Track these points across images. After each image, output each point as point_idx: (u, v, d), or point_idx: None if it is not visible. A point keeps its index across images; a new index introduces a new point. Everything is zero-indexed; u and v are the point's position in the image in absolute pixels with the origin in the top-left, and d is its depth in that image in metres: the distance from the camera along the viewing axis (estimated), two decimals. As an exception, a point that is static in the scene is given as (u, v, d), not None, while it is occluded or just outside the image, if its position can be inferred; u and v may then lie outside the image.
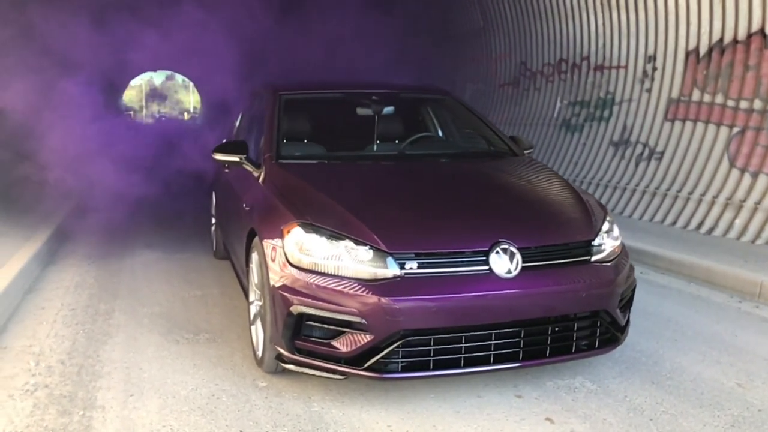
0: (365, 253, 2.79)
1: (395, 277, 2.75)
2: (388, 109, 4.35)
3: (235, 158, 3.83)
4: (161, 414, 2.87)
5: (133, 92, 73.80)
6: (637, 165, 7.67)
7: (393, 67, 13.81)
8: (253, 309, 3.44)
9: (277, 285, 2.91)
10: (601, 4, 8.39)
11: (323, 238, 2.86)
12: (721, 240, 6.06)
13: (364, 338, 2.72)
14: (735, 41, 6.60)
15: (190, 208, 7.40)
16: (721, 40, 6.75)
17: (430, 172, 3.70)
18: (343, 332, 2.77)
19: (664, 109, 7.47)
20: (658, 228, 6.71)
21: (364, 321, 2.71)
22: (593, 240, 3.09)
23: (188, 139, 9.71)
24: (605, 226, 3.25)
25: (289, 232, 2.94)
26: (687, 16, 7.14)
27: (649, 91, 7.72)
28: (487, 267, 2.81)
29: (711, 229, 6.33)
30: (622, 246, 3.35)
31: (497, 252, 2.83)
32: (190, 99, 77.84)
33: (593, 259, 3.06)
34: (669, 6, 7.35)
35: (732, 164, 6.47)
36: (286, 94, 4.30)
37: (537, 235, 3.00)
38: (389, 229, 2.87)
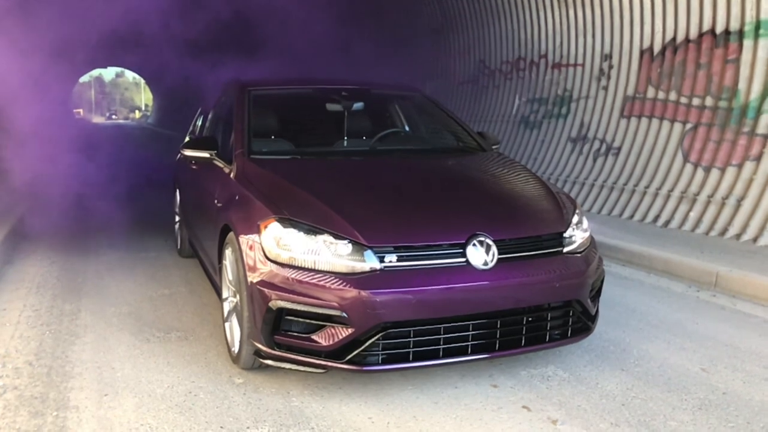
0: (344, 247, 2.81)
1: (375, 270, 2.78)
2: (358, 105, 4.36)
3: (205, 154, 3.79)
4: (138, 412, 2.83)
5: (82, 89, 71.94)
6: (594, 160, 7.88)
7: (351, 65, 13.84)
8: (227, 306, 3.41)
9: (255, 281, 2.90)
10: (558, 1, 8.57)
11: (301, 233, 2.87)
12: (677, 232, 6.27)
13: (345, 331, 2.74)
14: (687, 40, 6.84)
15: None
16: (674, 39, 6.98)
17: (402, 167, 3.74)
18: (324, 326, 2.78)
19: (621, 106, 7.68)
20: (617, 221, 6.91)
21: (344, 314, 2.73)
22: (565, 232, 3.17)
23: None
24: (575, 218, 3.34)
25: (266, 227, 2.94)
26: (641, 15, 7.36)
27: (606, 88, 7.93)
28: (464, 259, 2.86)
29: (667, 222, 6.55)
30: (591, 238, 3.45)
31: (474, 244, 2.88)
32: (141, 97, 76.25)
33: (565, 250, 3.14)
34: (624, 4, 7.56)
35: (686, 159, 6.70)
36: (254, 90, 4.28)
37: (511, 227, 3.06)
38: (368, 223, 2.89)
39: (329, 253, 2.81)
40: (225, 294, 3.46)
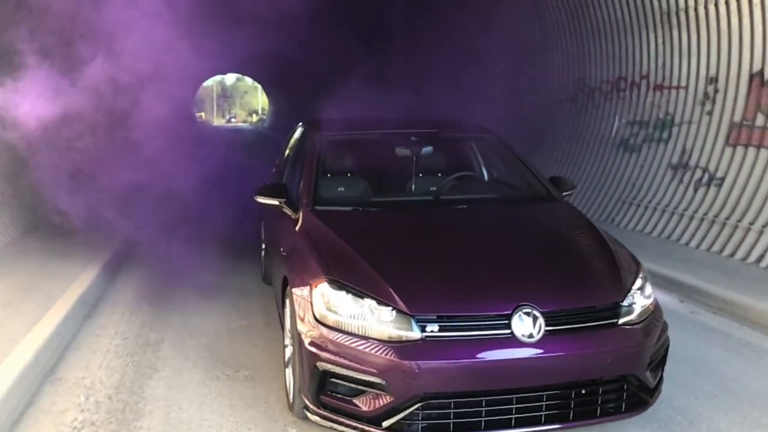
0: (388, 313, 2.85)
1: (416, 339, 2.80)
2: (427, 150, 4.39)
3: (275, 202, 3.95)
4: (194, 460, 3.02)
5: (205, 92, 76.15)
6: (696, 190, 7.43)
7: (454, 79, 13.86)
8: (287, 352, 3.55)
9: (305, 339, 3.01)
10: (661, 21, 8.15)
11: (349, 296, 2.94)
12: (782, 276, 5.81)
13: (385, 399, 2.78)
14: (802, 65, 6.31)
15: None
16: (788, 63, 6.46)
17: (462, 221, 3.73)
18: (364, 391, 2.84)
19: (726, 133, 7.19)
20: (716, 259, 6.48)
21: (383, 382, 2.77)
22: (621, 301, 3.04)
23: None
24: (637, 283, 3.19)
25: (316, 287, 3.04)
26: (751, 37, 6.85)
27: (710, 113, 7.45)
28: (509, 331, 2.82)
29: (771, 264, 6.08)
30: (656, 303, 3.28)
31: (519, 316, 2.84)
32: (258, 100, 79.58)
33: (621, 321, 3.01)
34: (732, 26, 7.07)
35: (796, 195, 6.19)
36: (328, 135, 4.42)
37: (562, 298, 2.98)
38: (412, 290, 2.92)
39: (373, 319, 2.86)
40: (286, 341, 3.60)
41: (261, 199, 4.01)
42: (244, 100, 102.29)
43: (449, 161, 4.59)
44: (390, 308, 2.85)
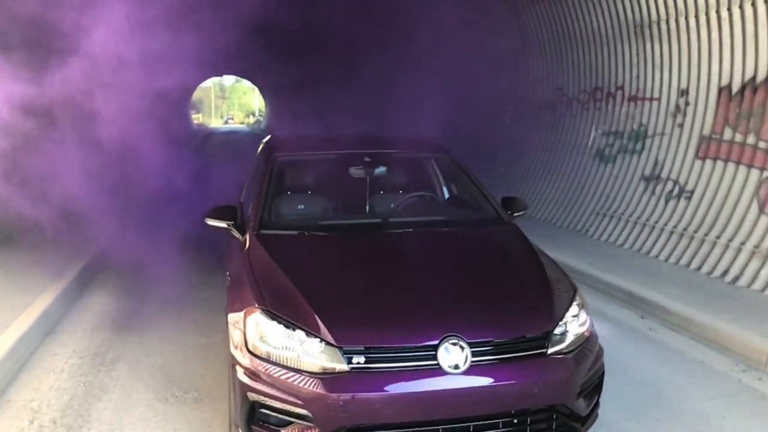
0: (316, 345, 2.87)
1: (343, 371, 2.82)
2: (380, 171, 4.40)
3: (223, 224, 3.95)
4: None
5: (202, 93, 76.12)
6: (666, 202, 7.46)
7: (437, 89, 13.88)
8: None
9: (237, 369, 3.03)
10: (635, 33, 8.18)
11: (281, 327, 2.96)
12: (744, 292, 5.83)
13: (311, 431, 2.80)
14: (768, 80, 6.33)
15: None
16: (754, 77, 6.48)
17: (405, 246, 3.74)
18: (292, 422, 2.86)
19: (696, 146, 7.22)
20: (682, 273, 6.51)
21: (310, 414, 2.79)
22: (552, 330, 3.06)
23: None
24: (572, 311, 3.21)
25: (249, 316, 3.06)
26: (720, 51, 6.88)
27: (681, 126, 7.48)
28: (435, 362, 2.84)
29: (736, 278, 6.10)
30: (591, 329, 3.29)
31: (446, 347, 2.86)
32: (255, 102, 79.47)
33: (551, 350, 3.02)
34: (702, 39, 7.10)
35: (761, 210, 6.21)
36: (280, 156, 4.44)
37: (490, 328, 3.00)
38: (341, 322, 2.93)
39: (302, 351, 2.88)
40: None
41: (210, 222, 4.02)
42: (242, 102, 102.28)
43: (402, 182, 4.61)
44: (318, 340, 2.87)
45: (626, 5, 8.20)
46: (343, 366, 2.82)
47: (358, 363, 2.83)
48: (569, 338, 3.12)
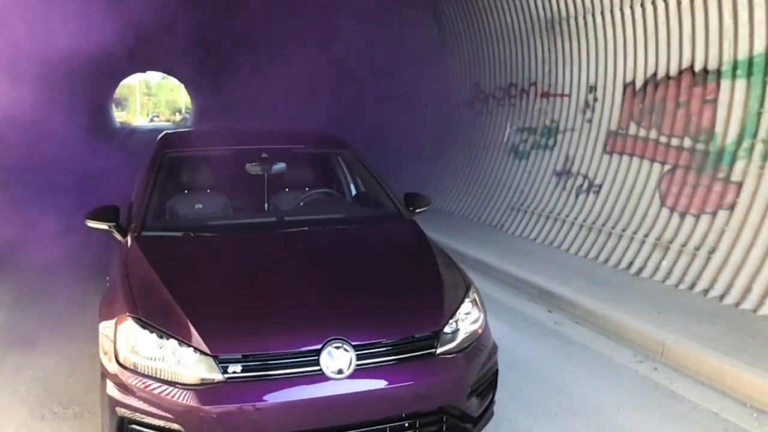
0: (189, 355, 2.68)
1: (218, 381, 2.64)
2: (278, 167, 4.22)
3: (104, 226, 3.68)
4: None
5: (127, 90, 73.55)
6: (577, 196, 7.58)
7: (354, 82, 13.77)
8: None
9: (106, 381, 2.81)
10: (546, 29, 8.29)
11: (153, 336, 2.75)
12: (647, 283, 5.96)
13: (184, 447, 2.61)
14: (668, 77, 6.50)
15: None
16: (655, 74, 6.65)
17: (297, 246, 3.58)
18: (165, 438, 2.66)
19: (604, 141, 7.37)
20: (590, 266, 6.61)
21: (182, 429, 2.60)
22: (440, 330, 2.97)
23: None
24: (464, 308, 3.13)
25: (120, 324, 2.84)
26: (624, 48, 7.04)
27: (590, 121, 7.62)
28: (318, 368, 2.70)
29: (640, 270, 6.24)
30: (485, 326, 3.22)
31: (329, 351, 2.72)
32: (182, 99, 77.43)
33: (440, 350, 2.93)
34: (608, 36, 7.25)
35: (663, 203, 6.37)
36: (170, 152, 4.20)
37: (376, 330, 2.88)
38: (217, 329, 2.75)
39: (174, 362, 2.69)
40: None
41: (90, 223, 3.74)
42: (169, 99, 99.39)
43: (301, 178, 4.44)
44: (192, 349, 2.68)
45: (538, 2, 8.30)
46: (218, 376, 2.65)
47: (234, 372, 2.66)
48: (460, 336, 3.04)
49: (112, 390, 2.76)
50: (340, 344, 2.74)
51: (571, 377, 4.22)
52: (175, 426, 2.62)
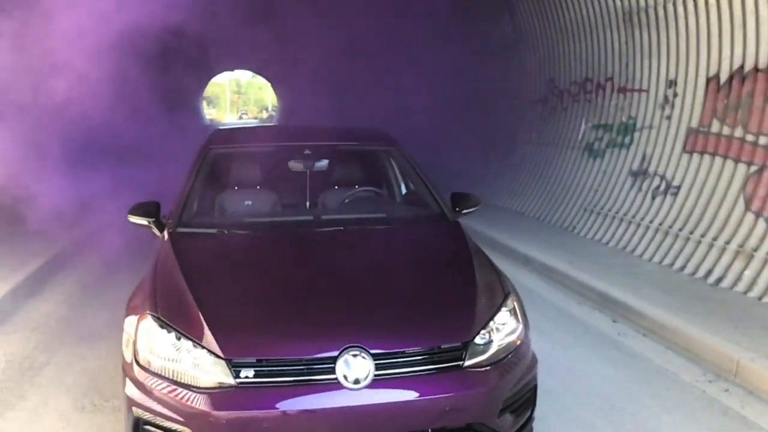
0: (204, 357, 2.60)
1: (230, 386, 2.55)
2: (321, 165, 4.12)
3: (144, 221, 3.69)
4: None
5: (218, 89, 76.27)
6: (653, 199, 7.09)
7: (429, 80, 13.61)
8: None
9: (125, 380, 2.77)
10: (624, 21, 7.81)
11: (171, 336, 2.69)
12: (726, 294, 5.47)
13: (194, 452, 2.54)
14: (756, 69, 5.94)
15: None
16: (742, 67, 6.10)
17: (329, 246, 3.45)
18: (177, 441, 2.60)
19: (683, 140, 6.85)
20: (664, 274, 6.16)
21: (192, 432, 2.53)
22: (469, 340, 2.76)
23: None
24: (500, 317, 2.90)
25: (141, 322, 2.80)
26: (708, 38, 6.50)
27: (669, 118, 7.10)
28: (333, 376, 2.56)
29: (719, 279, 5.74)
30: (523, 337, 2.98)
31: (345, 359, 2.57)
32: (268, 97, 79.41)
33: (468, 363, 2.72)
34: (690, 26, 6.72)
35: (747, 207, 5.84)
36: (214, 148, 4.18)
37: (398, 338, 2.71)
38: (231, 332, 2.66)
39: (188, 363, 2.62)
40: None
41: (132, 218, 3.76)
42: (258, 97, 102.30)
43: (346, 176, 4.32)
44: (206, 351, 2.60)
45: (615, -8, 7.84)
46: (230, 380, 2.55)
47: (247, 377, 2.55)
48: (493, 348, 2.81)
49: (130, 389, 2.72)
50: (357, 352, 2.59)
51: (628, 394, 3.89)
52: (185, 430, 2.55)
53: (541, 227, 8.58)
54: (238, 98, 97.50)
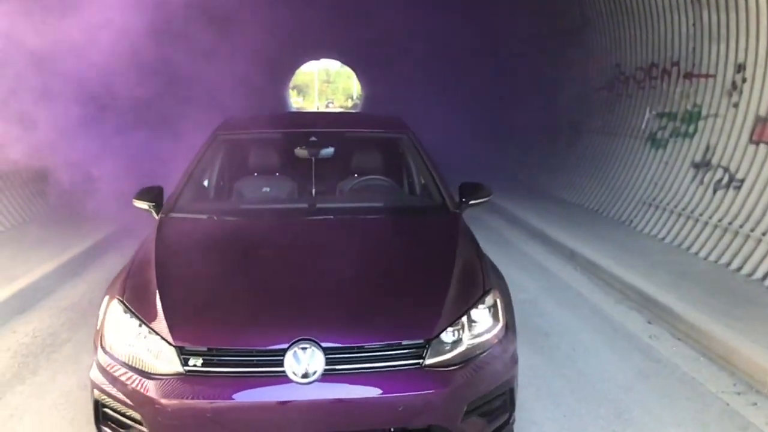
0: (157, 344, 2.59)
1: (178, 373, 2.52)
2: (326, 152, 4.04)
3: (145, 206, 3.73)
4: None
5: (308, 77, 77.76)
6: (714, 192, 6.57)
7: (496, 64, 13.28)
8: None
9: (92, 362, 2.81)
10: (692, 1, 7.24)
11: (134, 321, 2.69)
12: (782, 299, 4.99)
13: (144, 437, 2.53)
14: (830, 51, 5.36)
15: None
16: (816, 49, 5.52)
17: (313, 236, 3.36)
18: (131, 426, 2.60)
19: (750, 129, 6.29)
20: (717, 273, 5.69)
21: (141, 420, 2.52)
22: (434, 337, 2.60)
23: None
24: (474, 315, 2.73)
25: (109, 305, 2.82)
26: (780, 19, 5.93)
27: (737, 106, 6.54)
28: (281, 369, 2.48)
29: (777, 282, 5.25)
30: (501, 336, 2.78)
31: (294, 352, 2.48)
32: (353, 86, 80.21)
33: (429, 362, 2.56)
34: (761, 6, 6.14)
35: (814, 204, 5.30)
36: (221, 134, 4.17)
37: (354, 333, 2.59)
38: (186, 319, 2.63)
39: (143, 349, 2.61)
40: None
41: (137, 203, 3.81)
42: (346, 86, 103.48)
43: (351, 164, 4.21)
44: (159, 338, 2.59)
45: (682, -30, 7.28)
46: (179, 368, 2.52)
47: (195, 365, 2.52)
48: (461, 347, 2.65)
49: (93, 371, 2.75)
50: (308, 346, 2.50)
51: (640, 402, 3.59)
52: (136, 415, 2.55)
53: (596, 220, 8.15)
54: (327, 87, 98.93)
